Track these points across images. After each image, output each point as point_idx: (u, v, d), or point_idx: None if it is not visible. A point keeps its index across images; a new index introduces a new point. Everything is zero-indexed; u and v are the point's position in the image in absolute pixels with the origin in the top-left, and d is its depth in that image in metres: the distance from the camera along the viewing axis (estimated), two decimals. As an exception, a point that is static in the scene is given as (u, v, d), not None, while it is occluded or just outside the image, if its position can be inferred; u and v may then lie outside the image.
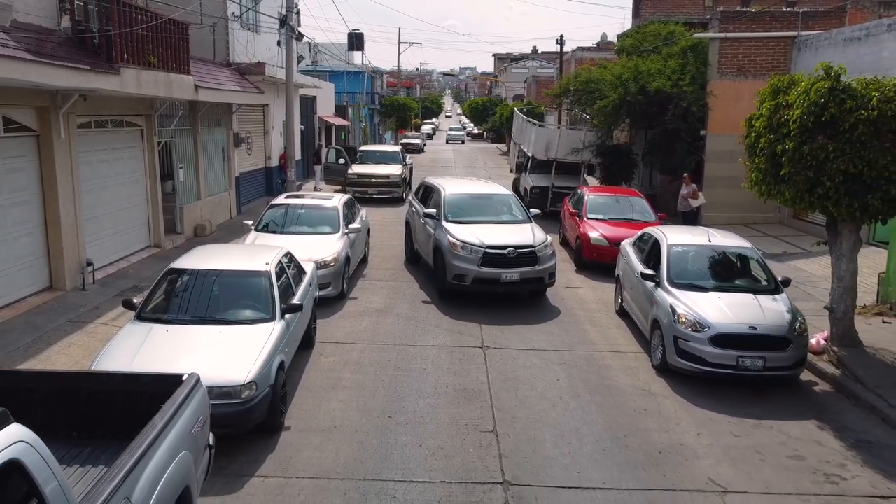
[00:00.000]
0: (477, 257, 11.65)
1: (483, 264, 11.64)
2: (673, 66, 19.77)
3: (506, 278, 11.67)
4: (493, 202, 13.80)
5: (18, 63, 8.84)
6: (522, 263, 11.74)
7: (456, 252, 11.83)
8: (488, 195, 14.06)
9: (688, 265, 10.06)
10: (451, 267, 11.81)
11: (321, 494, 6.21)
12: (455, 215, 12.84)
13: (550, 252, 12.20)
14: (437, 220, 12.85)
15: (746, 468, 6.93)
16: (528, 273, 11.77)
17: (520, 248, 11.79)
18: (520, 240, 12.01)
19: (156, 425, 4.26)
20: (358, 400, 8.21)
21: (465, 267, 11.68)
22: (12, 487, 2.99)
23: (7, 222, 10.46)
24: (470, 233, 12.07)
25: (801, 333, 8.87)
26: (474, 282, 11.72)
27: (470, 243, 11.79)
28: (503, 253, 11.67)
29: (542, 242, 12.09)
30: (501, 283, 11.76)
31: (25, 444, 3.09)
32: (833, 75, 8.61)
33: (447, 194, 13.40)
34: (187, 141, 17.27)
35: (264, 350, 7.15)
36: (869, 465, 7.05)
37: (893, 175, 8.15)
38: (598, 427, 7.72)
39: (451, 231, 12.19)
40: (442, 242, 12.22)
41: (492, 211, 13.40)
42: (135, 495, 3.77)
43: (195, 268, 8.34)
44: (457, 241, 11.91)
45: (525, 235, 12.24)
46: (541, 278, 12.01)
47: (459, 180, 16.06)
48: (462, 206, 13.23)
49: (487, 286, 11.86)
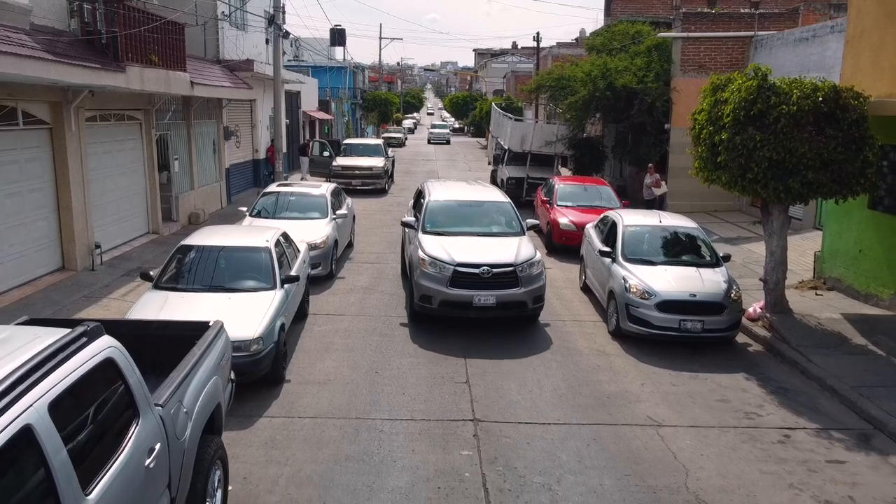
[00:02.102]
0: (445, 276, 10.01)
1: (452, 285, 9.97)
2: (639, 64, 21.08)
3: (479, 302, 9.98)
4: (484, 210, 12.15)
5: (42, 63, 9.89)
6: (499, 285, 10.04)
7: (424, 269, 10.21)
8: (479, 202, 12.36)
9: (640, 243, 11.33)
10: (418, 287, 10.25)
11: (320, 429, 7.39)
12: (434, 225, 11.36)
13: (537, 272, 10.38)
14: (415, 230, 11.47)
15: (679, 408, 8.20)
16: (507, 297, 10.06)
17: (496, 267, 10.07)
18: (498, 257, 10.31)
19: (195, 354, 5.41)
20: (348, 360, 9.38)
21: (432, 287, 10.05)
22: (109, 377, 4.12)
23: (25, 207, 11.48)
24: (442, 247, 10.47)
25: (736, 300, 10.18)
26: (441, 305, 10.08)
27: (438, 259, 10.18)
28: (475, 272, 9.99)
29: (525, 260, 10.31)
30: (473, 308, 10.04)
31: (115, 348, 4.23)
32: (761, 75, 9.88)
33: (429, 200, 11.99)
34: (181, 134, 18.28)
35: (268, 313, 8.29)
36: (783, 406, 8.34)
37: (810, 162, 9.44)
38: (556, 379, 8.95)
39: (423, 244, 10.66)
40: (412, 257, 10.83)
41: (480, 221, 11.79)
42: (185, 400, 4.92)
43: (204, 244, 9.47)
44: (425, 256, 10.32)
45: (506, 251, 10.48)
46: (521, 303, 10.22)
47: (451, 184, 14.55)
48: (445, 214, 11.75)
49: (457, 311, 10.15)
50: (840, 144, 9.46)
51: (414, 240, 11.24)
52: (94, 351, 4.01)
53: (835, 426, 7.83)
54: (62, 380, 3.61)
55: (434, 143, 58.30)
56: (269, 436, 7.21)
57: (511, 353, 9.84)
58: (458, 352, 9.78)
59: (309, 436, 7.24)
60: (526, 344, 10.22)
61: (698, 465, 6.88)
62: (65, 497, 3.31)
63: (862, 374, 8.97)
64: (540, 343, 10.28)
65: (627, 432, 7.56)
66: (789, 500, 6.30)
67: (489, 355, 9.70)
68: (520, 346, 10.10)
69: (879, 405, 8.10)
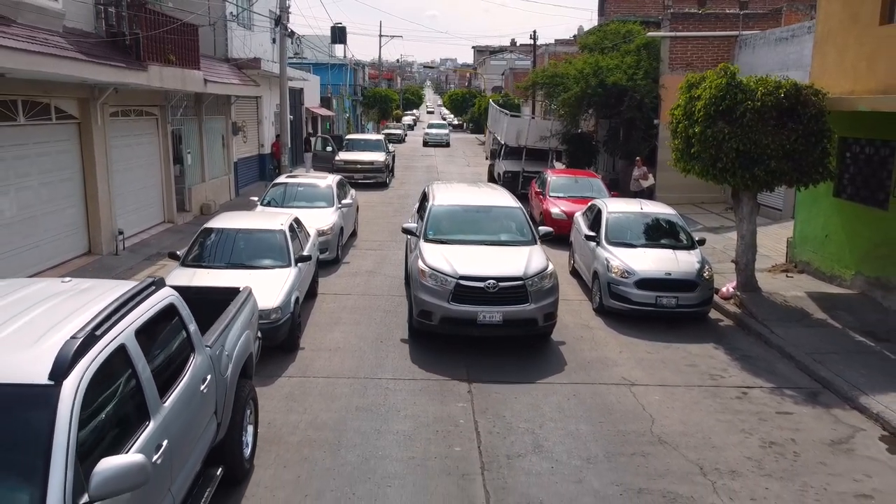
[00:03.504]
0: (447, 290, 9.16)
1: (454, 300, 9.14)
2: (629, 62, 22.06)
3: (484, 319, 9.09)
4: (492, 217, 11.22)
5: (77, 63, 10.88)
6: (507, 300, 9.16)
7: (424, 282, 9.37)
8: (486, 207, 11.39)
9: (622, 228, 12.32)
10: (418, 301, 9.43)
11: (333, 386, 8.39)
12: (437, 232, 10.52)
13: (549, 286, 9.49)
14: (417, 237, 10.67)
15: (651, 371, 9.21)
16: (515, 313, 9.17)
17: (504, 281, 9.20)
18: (506, 269, 9.42)
19: (230, 311, 6.41)
20: (356, 331, 10.38)
21: (433, 302, 9.21)
22: (172, 319, 5.12)
23: (57, 195, 12.48)
24: (444, 257, 9.61)
25: (708, 279, 11.18)
26: (442, 322, 9.22)
27: (440, 271, 9.33)
28: (480, 286, 9.14)
29: (536, 272, 9.44)
30: (477, 326, 9.16)
31: (174, 296, 5.23)
32: (729, 73, 10.86)
33: (433, 204, 11.13)
34: (193, 129, 19.26)
35: (284, 286, 9.29)
36: (744, 370, 9.35)
37: (773, 152, 10.43)
38: (543, 349, 9.95)
39: (424, 253, 9.81)
40: (412, 268, 10.03)
41: (488, 228, 10.90)
42: (226, 346, 5.92)
43: (225, 226, 10.47)
44: (425, 267, 9.48)
45: (515, 263, 9.59)
46: (531, 320, 9.30)
47: (458, 187, 13.39)
48: (449, 220, 10.88)
49: (459, 328, 9.28)
50: (800, 137, 10.45)
51: (414, 249, 10.42)
52: (160, 297, 5.01)
53: (788, 385, 8.84)
54: (140, 316, 4.60)
55: (432, 145, 50.95)
56: (289, 391, 8.22)
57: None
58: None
59: (323, 391, 8.25)
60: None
61: (663, 415, 7.89)
62: (149, 400, 4.31)
63: (818, 343, 9.98)
64: (529, 318, 11.26)
65: (604, 390, 8.56)
66: (739, 442, 7.30)
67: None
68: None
69: (829, 368, 9.11)
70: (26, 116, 11.41)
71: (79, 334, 3.91)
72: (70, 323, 4.12)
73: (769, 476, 6.64)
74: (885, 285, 11.39)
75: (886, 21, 11.20)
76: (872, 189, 11.86)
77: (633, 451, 7.02)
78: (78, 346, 3.79)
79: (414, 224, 11.28)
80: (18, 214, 11.28)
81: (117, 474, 3.43)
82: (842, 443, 7.36)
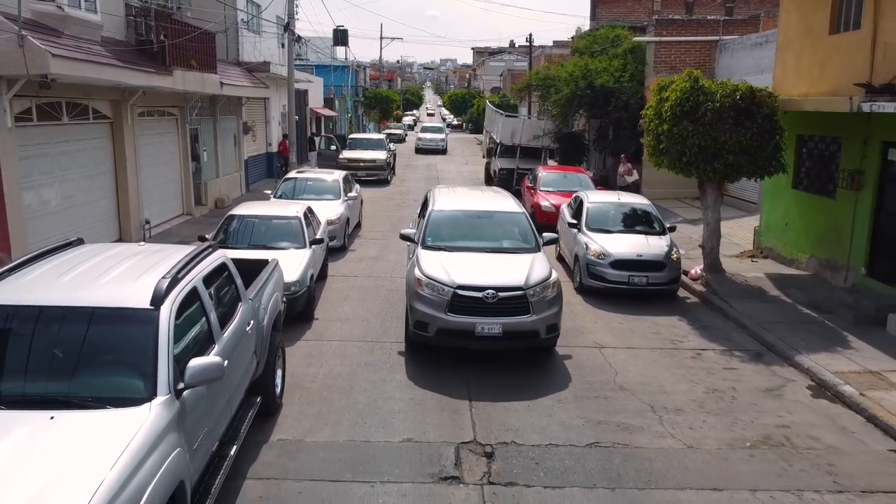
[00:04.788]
0: (444, 300, 8.78)
1: (451, 310, 8.75)
2: (616, 65, 23.47)
3: (482, 331, 8.71)
4: (494, 222, 10.80)
5: (115, 69, 12.29)
6: (506, 311, 8.76)
7: (420, 291, 8.99)
8: (488, 213, 10.96)
9: (600, 216, 13.72)
10: (413, 311, 9.08)
11: (344, 347, 9.79)
12: (436, 239, 10.12)
13: (552, 295, 9.08)
14: (415, 243, 10.29)
15: (621, 337, 10.60)
16: (515, 325, 8.76)
17: (503, 290, 8.79)
18: (506, 278, 9.01)
19: (263, 276, 7.81)
20: (363, 306, 11.78)
21: (429, 313, 8.83)
22: (224, 274, 6.51)
23: (93, 188, 13.87)
24: (441, 265, 9.22)
25: (675, 260, 12.56)
26: (439, 334, 8.85)
27: (436, 280, 8.95)
28: (478, 296, 8.74)
29: (538, 282, 9.01)
30: (476, 338, 8.78)
31: (225, 257, 6.62)
32: (693, 78, 12.24)
33: (432, 210, 10.74)
34: (208, 128, 20.67)
35: (302, 264, 10.68)
36: (702, 337, 10.73)
37: (731, 148, 11.80)
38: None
39: (421, 261, 9.44)
40: (409, 277, 9.63)
41: (489, 234, 10.51)
42: (262, 301, 7.31)
43: (248, 213, 11.88)
44: (422, 275, 9.10)
45: (516, 271, 9.17)
46: (533, 332, 8.90)
47: (461, 191, 13.00)
48: (449, 226, 10.47)
49: (457, 340, 8.90)
50: (755, 134, 11.83)
51: (412, 256, 10.11)
52: (216, 257, 6.41)
53: (737, 348, 10.23)
54: (204, 269, 5.99)
55: (425, 151, 44.75)
56: (307, 351, 9.61)
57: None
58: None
59: (337, 351, 9.65)
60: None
61: (626, 369, 9.29)
62: (214, 329, 5.70)
63: (769, 315, 11.37)
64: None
65: (577, 351, 9.95)
66: (687, 389, 8.69)
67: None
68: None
69: (775, 334, 10.49)
70: (69, 116, 12.80)
71: (166, 276, 5.30)
72: (155, 270, 5.52)
73: (708, 413, 8.03)
74: (833, 266, 12.78)
75: (835, 31, 12.58)
76: (823, 181, 13.26)
77: (597, 395, 8.42)
78: (168, 283, 5.19)
79: (412, 230, 10.82)
80: (62, 204, 12.67)
81: (203, 369, 4.82)
82: (774, 390, 8.75)
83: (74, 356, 4.75)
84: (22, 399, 4.46)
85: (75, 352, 4.77)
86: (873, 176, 11.71)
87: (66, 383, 4.61)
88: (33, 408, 4.38)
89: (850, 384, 8.61)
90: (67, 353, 4.75)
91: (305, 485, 6.28)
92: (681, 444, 7.27)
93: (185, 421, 4.75)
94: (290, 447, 6.95)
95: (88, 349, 4.80)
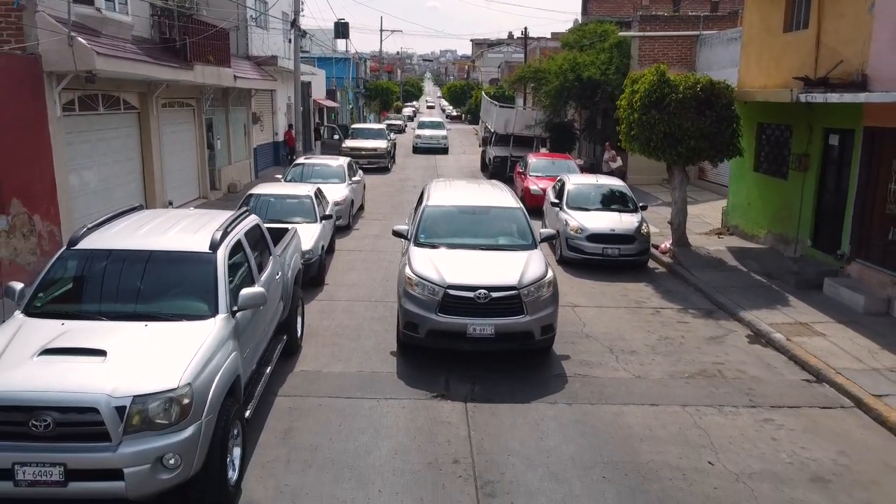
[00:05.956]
0: (434, 300, 8.54)
1: (442, 310, 8.51)
2: (603, 59, 24.95)
3: (474, 332, 8.46)
4: (490, 218, 10.50)
5: (146, 64, 13.82)
6: (499, 312, 8.52)
7: (410, 290, 8.77)
8: (484, 208, 10.66)
9: (580, 196, 15.28)
10: (403, 312, 8.87)
11: (352, 306, 11.38)
12: (429, 236, 9.90)
13: (547, 295, 8.82)
14: (407, 240, 10.06)
15: (592, 299, 12.18)
16: (508, 326, 8.53)
17: (496, 290, 8.55)
18: (499, 277, 8.76)
19: (286, 240, 9.39)
20: (367, 274, 13.36)
21: (419, 313, 8.59)
22: (257, 232, 8.08)
23: (123, 171, 15.43)
24: (433, 264, 8.99)
25: (645, 235, 14.13)
26: (429, 335, 8.61)
27: (427, 279, 8.70)
28: (469, 296, 8.49)
29: (533, 281, 8.76)
30: (468, 339, 8.53)
31: (259, 220, 8.19)
32: (659, 72, 13.77)
33: (426, 205, 10.53)
34: (221, 119, 22.20)
35: (314, 236, 12.25)
36: (663, 299, 12.31)
37: (693, 134, 13.33)
38: (512, 285, 12.89)
39: (412, 259, 9.23)
40: (399, 276, 9.44)
41: (484, 231, 10.20)
42: (286, 258, 8.90)
43: (265, 193, 13.45)
44: (412, 274, 8.87)
45: (510, 270, 8.91)
46: (527, 333, 8.67)
47: (457, 185, 12.36)
48: (443, 222, 10.26)
49: (448, 342, 8.67)
50: (714, 121, 13.38)
51: (404, 254, 9.86)
52: (251, 220, 7.99)
53: (692, 307, 11.82)
54: (244, 227, 7.56)
55: (424, 151, 38.98)
56: (320, 309, 11.20)
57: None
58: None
59: (345, 309, 11.24)
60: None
61: (593, 322, 10.87)
62: (254, 273, 7.28)
63: (724, 282, 12.95)
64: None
65: (553, 309, 11.53)
66: (643, 337, 10.28)
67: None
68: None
69: (726, 296, 12.07)
70: (104, 107, 14.34)
71: (219, 230, 6.87)
72: (208, 226, 7.08)
73: (657, 354, 9.63)
74: (785, 239, 14.35)
75: (788, 30, 14.11)
76: (778, 164, 14.81)
77: (565, 342, 9.99)
78: (220, 234, 6.76)
79: (405, 226, 10.44)
80: (99, 186, 14.22)
81: (250, 296, 6.39)
82: (716, 338, 10.34)
83: (156, 286, 6.34)
84: (121, 314, 6.03)
85: (156, 283, 6.36)
86: (817, 159, 13.26)
87: (151, 305, 6.18)
88: (129, 321, 5.95)
89: (780, 332, 10.20)
90: (151, 285, 6.33)
91: (324, 400, 7.89)
92: (630, 375, 8.87)
93: (239, 336, 6.32)
94: (311, 376, 8.55)
95: (166, 281, 6.39)
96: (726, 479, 6.48)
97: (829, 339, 9.94)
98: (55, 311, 6.02)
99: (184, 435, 5.05)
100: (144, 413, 4.93)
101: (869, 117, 11.57)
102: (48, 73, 11.65)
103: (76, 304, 6.22)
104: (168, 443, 4.97)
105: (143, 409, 4.93)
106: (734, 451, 6.99)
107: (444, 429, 7.31)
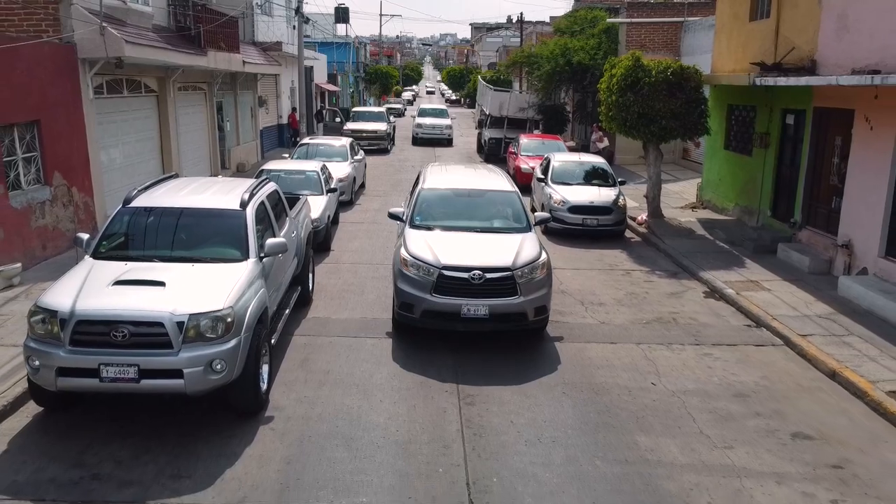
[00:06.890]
0: (429, 281, 8.72)
1: (437, 291, 8.69)
2: (592, 44, 26.21)
3: (468, 313, 8.64)
4: (486, 201, 10.64)
5: (166, 51, 15.15)
6: (493, 293, 8.70)
7: (405, 271, 8.95)
8: (480, 192, 10.79)
9: (564, 172, 16.66)
10: (398, 292, 9.05)
11: (355, 267, 12.81)
12: (425, 218, 10.05)
13: (540, 277, 9.00)
14: (403, 222, 10.17)
15: (570, 263, 13.59)
16: (502, 307, 8.70)
17: (490, 271, 8.70)
18: (493, 258, 8.91)
19: (299, 206, 10.79)
20: (368, 242, 14.77)
21: (414, 294, 8.79)
22: (276, 197, 9.47)
23: (144, 150, 16.79)
24: (428, 245, 9.16)
25: (621, 207, 15.52)
26: (424, 315, 8.81)
27: (422, 260, 8.88)
28: (464, 277, 8.66)
29: (527, 262, 8.93)
30: (461, 320, 8.71)
31: (277, 186, 9.59)
32: (635, 58, 15.09)
33: (422, 188, 10.70)
34: (230, 102, 23.52)
35: (321, 206, 13.63)
36: (634, 263, 13.72)
37: (664, 114, 14.67)
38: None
39: (407, 241, 9.38)
40: (395, 257, 9.56)
41: (479, 214, 10.37)
42: (299, 220, 10.30)
43: (276, 168, 14.85)
44: (407, 255, 9.05)
45: (504, 252, 9.06)
46: (520, 314, 8.84)
47: (453, 169, 12.79)
48: (438, 205, 10.40)
49: (443, 322, 8.84)
50: (684, 103, 14.73)
51: (400, 236, 9.99)
52: (271, 186, 9.39)
53: (659, 269, 13.23)
54: (265, 191, 8.96)
55: (425, 142, 34.90)
56: (327, 270, 12.63)
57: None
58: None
59: (350, 269, 12.67)
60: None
61: (569, 281, 12.29)
62: (275, 228, 8.69)
63: (691, 248, 14.36)
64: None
65: (535, 271, 12.94)
66: (612, 293, 11.70)
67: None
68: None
69: (690, 260, 13.48)
70: (128, 91, 15.68)
71: (246, 192, 8.27)
72: (236, 190, 8.48)
73: (623, 306, 11.06)
74: (749, 211, 15.75)
75: (753, 18, 15.42)
76: (744, 142, 16.17)
77: (543, 296, 11.41)
78: (248, 196, 8.16)
79: (401, 209, 10.56)
80: (124, 162, 15.60)
81: (274, 244, 7.80)
82: (676, 293, 11.77)
83: (197, 237, 7.75)
84: (170, 258, 7.44)
85: (197, 234, 7.77)
86: (776, 137, 14.62)
87: (194, 251, 7.58)
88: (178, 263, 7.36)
89: (732, 288, 11.62)
90: (193, 235, 7.74)
91: (333, 338, 9.33)
92: (596, 321, 10.31)
93: (266, 277, 7.74)
94: (321, 321, 9.99)
95: (205, 232, 7.80)
96: (664, 395, 7.94)
97: (774, 293, 11.37)
98: (118, 255, 7.43)
99: (228, 345, 6.48)
100: (198, 328, 6.35)
101: (818, 98, 12.92)
102: (82, 59, 13.00)
103: (134, 249, 7.64)
104: (216, 350, 6.40)
105: (197, 324, 6.35)
106: (674, 376, 8.44)
107: (434, 357, 8.75)
